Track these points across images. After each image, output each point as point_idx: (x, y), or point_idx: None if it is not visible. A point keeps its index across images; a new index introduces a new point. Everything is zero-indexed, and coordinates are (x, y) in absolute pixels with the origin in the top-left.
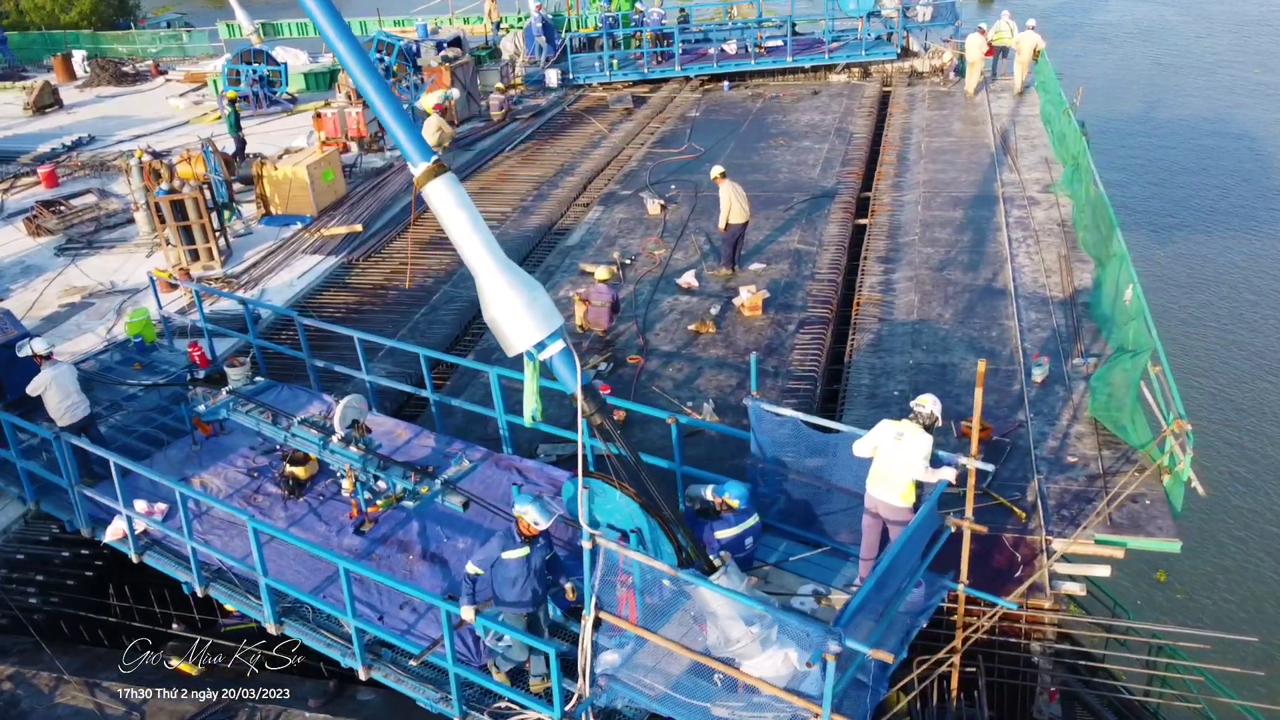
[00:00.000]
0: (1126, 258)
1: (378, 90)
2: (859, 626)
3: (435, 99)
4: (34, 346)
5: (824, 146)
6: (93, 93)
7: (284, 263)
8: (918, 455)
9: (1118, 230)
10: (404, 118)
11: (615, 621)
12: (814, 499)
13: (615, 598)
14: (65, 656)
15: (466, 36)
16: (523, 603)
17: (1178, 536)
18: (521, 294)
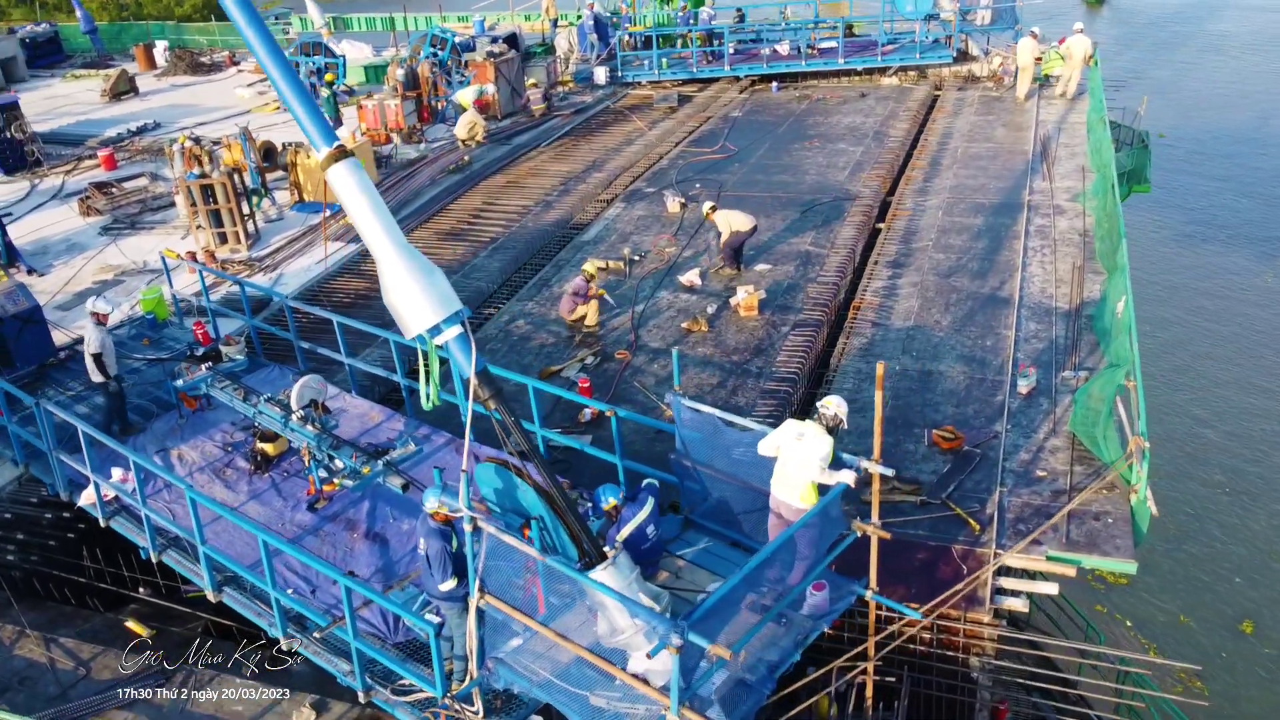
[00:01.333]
0: (1126, 269)
1: (282, 74)
2: (737, 625)
3: (471, 94)
4: (97, 305)
5: (858, 150)
6: (168, 81)
7: (306, 248)
8: (815, 456)
9: (1124, 242)
10: (309, 103)
11: (497, 605)
12: (735, 496)
13: (519, 583)
14: (32, 612)
15: (523, 33)
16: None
17: (1134, 558)
18: (419, 278)
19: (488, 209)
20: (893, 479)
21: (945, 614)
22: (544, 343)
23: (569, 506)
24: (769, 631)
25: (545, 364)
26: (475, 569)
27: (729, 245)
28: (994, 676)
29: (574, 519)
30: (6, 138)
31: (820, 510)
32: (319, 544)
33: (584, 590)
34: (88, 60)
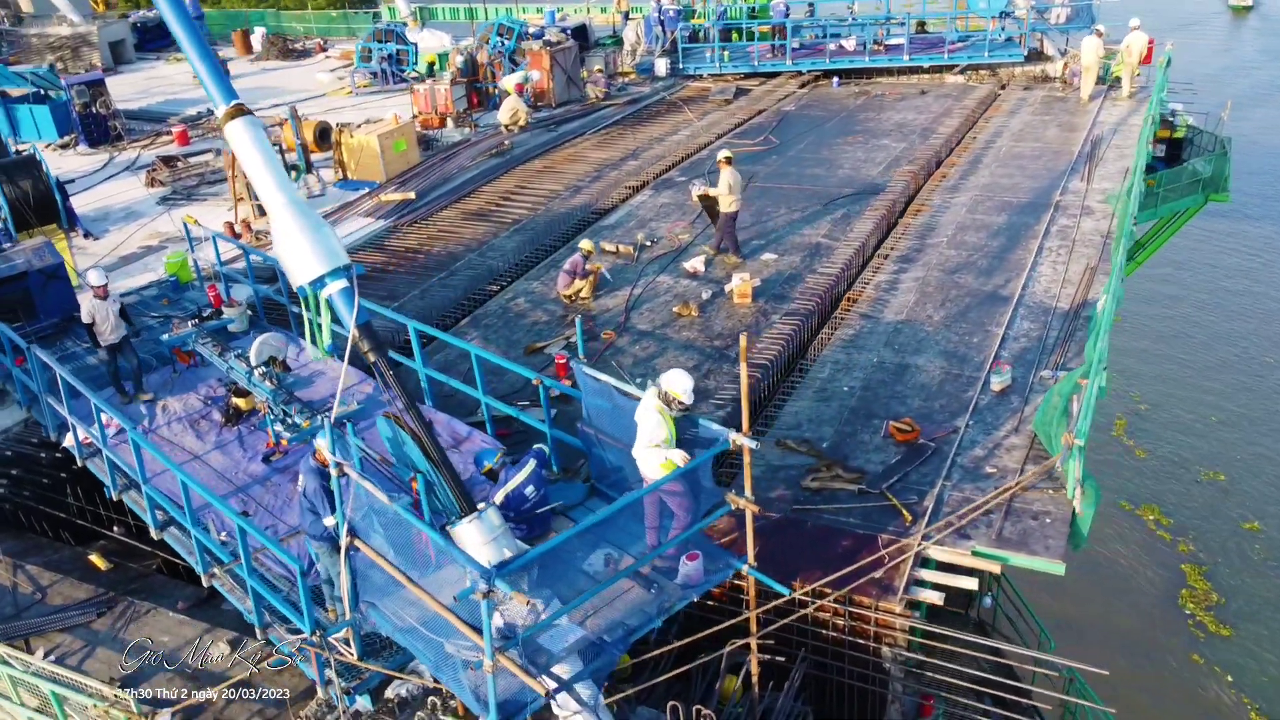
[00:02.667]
0: (1118, 271)
1: (187, 34)
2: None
3: (516, 79)
4: (89, 278)
5: (900, 146)
6: (260, 66)
7: (337, 223)
8: (641, 433)
9: (1123, 241)
10: (210, 61)
11: (363, 548)
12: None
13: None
14: (10, 541)
15: (593, 25)
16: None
17: (1063, 559)
18: (307, 232)
19: (518, 192)
20: (836, 466)
21: (859, 601)
22: (537, 320)
23: (443, 462)
24: (636, 597)
25: (534, 340)
26: (343, 513)
27: (725, 232)
28: (906, 669)
29: (448, 474)
30: (92, 113)
31: (659, 486)
32: (264, 493)
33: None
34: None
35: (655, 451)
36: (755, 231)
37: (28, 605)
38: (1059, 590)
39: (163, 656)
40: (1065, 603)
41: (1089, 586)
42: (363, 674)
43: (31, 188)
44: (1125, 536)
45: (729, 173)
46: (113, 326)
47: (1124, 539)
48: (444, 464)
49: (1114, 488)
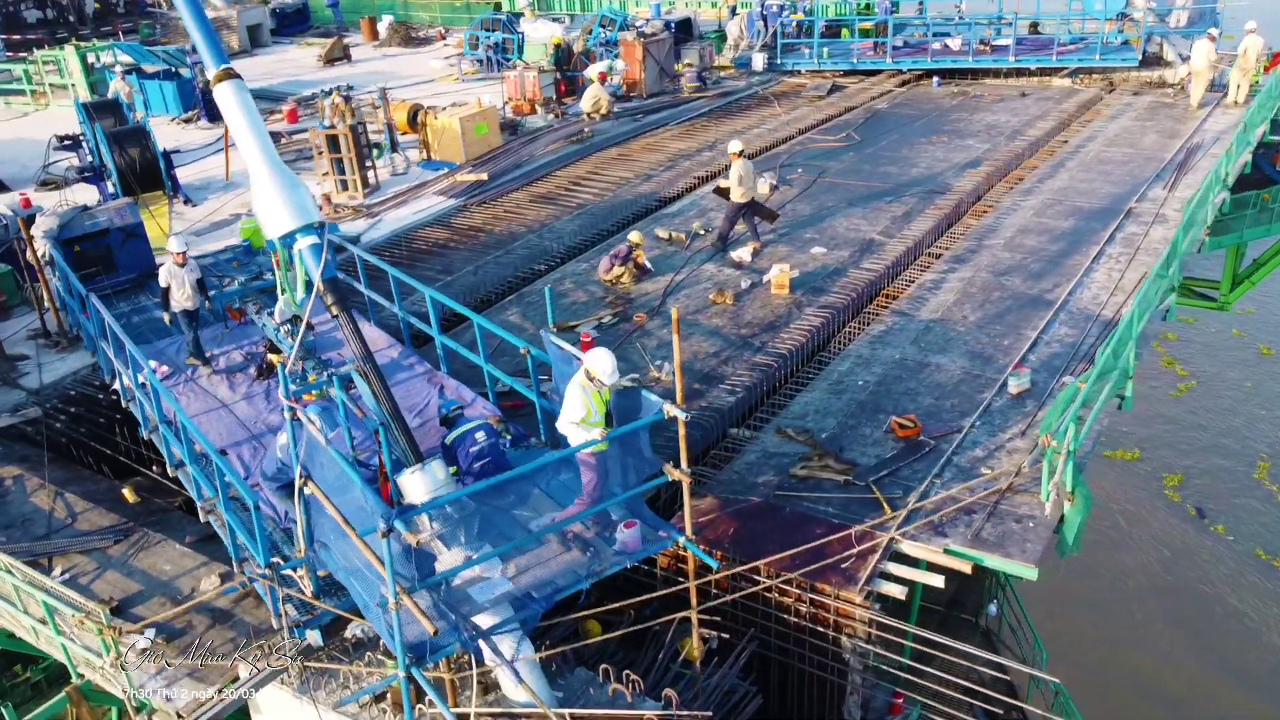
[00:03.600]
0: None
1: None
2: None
3: (600, 69)
4: (169, 245)
5: (984, 147)
6: (381, 52)
7: (410, 200)
8: (566, 406)
9: (1179, 246)
10: (206, 29)
11: (314, 491)
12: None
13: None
14: (58, 470)
15: (698, 19)
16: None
17: (1036, 563)
18: (282, 190)
19: (588, 178)
20: (828, 456)
21: (820, 589)
22: (577, 300)
23: (395, 414)
24: (572, 559)
25: (570, 319)
26: (297, 454)
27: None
28: (864, 661)
29: (399, 426)
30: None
31: (568, 455)
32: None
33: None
34: (324, 30)
35: (575, 429)
36: (811, 226)
37: (59, 528)
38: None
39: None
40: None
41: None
42: (315, 610)
43: (139, 156)
44: (1259, 589)
45: (739, 164)
46: (188, 294)
47: (1257, 592)
48: (396, 416)
49: (1249, 534)
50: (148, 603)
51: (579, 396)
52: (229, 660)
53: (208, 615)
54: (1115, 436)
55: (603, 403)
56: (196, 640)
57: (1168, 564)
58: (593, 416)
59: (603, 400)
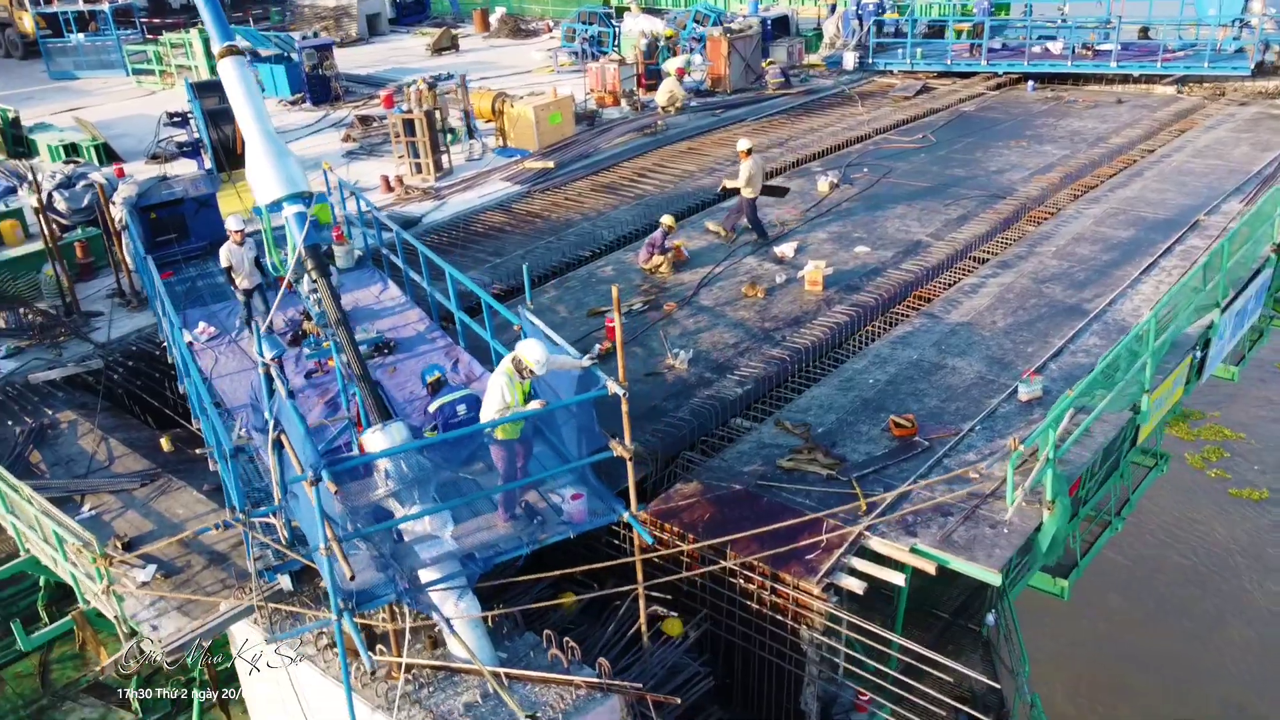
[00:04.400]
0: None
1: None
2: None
3: (678, 63)
4: (228, 224)
5: (1061, 153)
6: (489, 43)
7: (478, 184)
8: (488, 397)
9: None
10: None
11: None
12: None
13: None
14: (108, 418)
15: (796, 17)
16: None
17: (998, 569)
18: (272, 160)
19: (653, 170)
20: (818, 450)
21: (781, 577)
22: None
23: (364, 375)
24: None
25: (603, 304)
26: (271, 407)
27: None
28: (821, 653)
29: (367, 386)
30: (319, 75)
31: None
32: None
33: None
34: (441, 20)
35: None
36: (862, 225)
37: (97, 469)
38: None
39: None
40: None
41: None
42: (285, 557)
43: (232, 134)
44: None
45: (749, 163)
46: (247, 273)
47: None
48: (365, 377)
49: None
50: (155, 542)
51: (501, 387)
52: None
53: (205, 556)
54: (1242, 473)
55: (524, 395)
56: (192, 578)
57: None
58: (514, 408)
59: (524, 392)
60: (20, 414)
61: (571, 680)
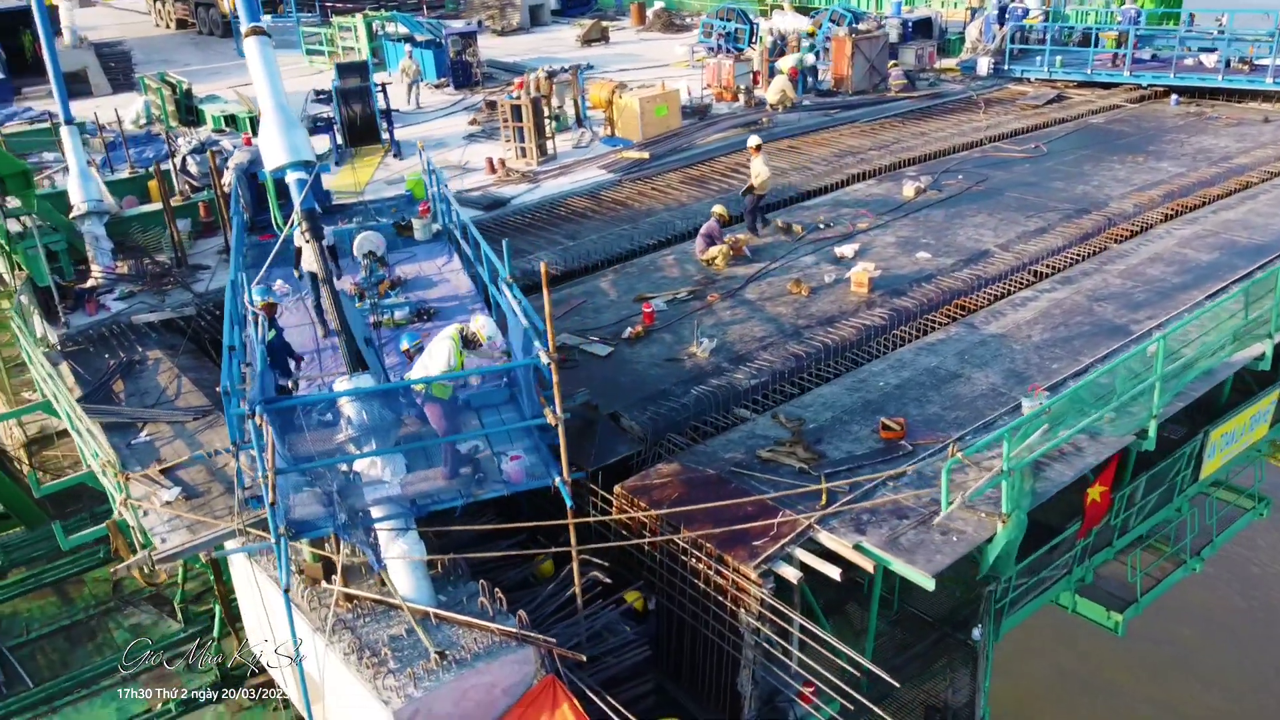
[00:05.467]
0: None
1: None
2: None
3: (790, 62)
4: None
5: (1175, 171)
6: (640, 36)
7: (574, 170)
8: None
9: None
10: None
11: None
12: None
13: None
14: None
15: (941, 20)
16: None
17: (932, 574)
18: (281, 130)
19: (747, 165)
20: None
21: (725, 559)
22: (669, 275)
23: (344, 329)
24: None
25: (656, 291)
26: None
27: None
28: (757, 639)
29: (346, 338)
30: (463, 60)
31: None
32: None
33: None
34: (602, 13)
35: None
36: (934, 231)
37: (163, 402)
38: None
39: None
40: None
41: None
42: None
43: (360, 112)
44: None
45: (759, 160)
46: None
47: None
48: (345, 330)
49: None
50: (188, 468)
51: (448, 351)
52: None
53: (224, 485)
54: None
55: (461, 363)
56: (208, 502)
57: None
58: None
59: (462, 361)
60: (116, 349)
61: (488, 626)
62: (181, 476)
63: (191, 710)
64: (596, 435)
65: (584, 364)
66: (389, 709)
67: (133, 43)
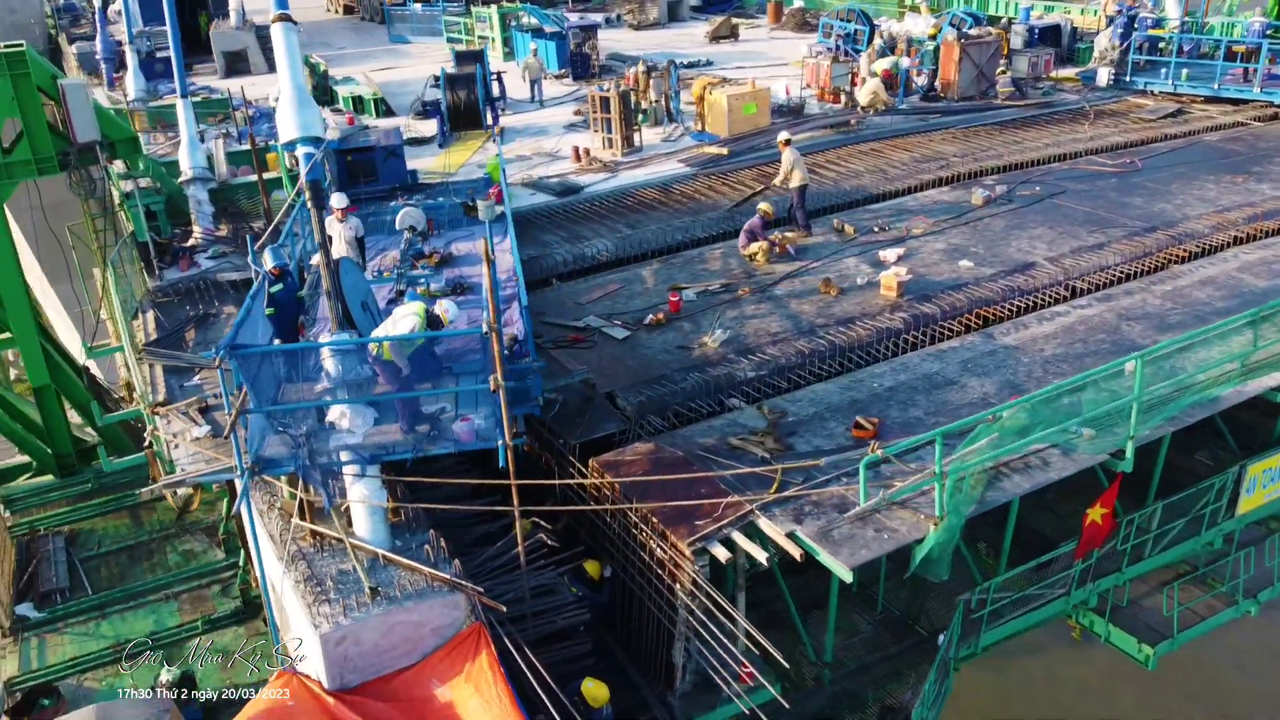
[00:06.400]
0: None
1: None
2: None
3: (885, 65)
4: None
5: (1271, 195)
6: (771, 34)
7: (653, 163)
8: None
9: None
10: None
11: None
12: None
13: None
14: None
15: (1071, 26)
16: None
17: (850, 567)
18: (297, 108)
19: (823, 166)
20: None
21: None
22: (710, 268)
23: (336, 291)
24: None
25: (692, 281)
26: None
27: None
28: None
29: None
30: (583, 53)
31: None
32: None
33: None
34: (744, 10)
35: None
36: (985, 240)
37: None
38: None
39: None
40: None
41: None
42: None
43: (465, 98)
44: None
45: (789, 153)
46: (343, 249)
47: None
48: (336, 293)
49: None
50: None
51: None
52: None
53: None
54: None
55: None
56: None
57: None
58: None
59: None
60: (198, 302)
61: (422, 570)
62: (217, 418)
63: (215, 630)
64: (588, 411)
65: (601, 345)
66: (318, 632)
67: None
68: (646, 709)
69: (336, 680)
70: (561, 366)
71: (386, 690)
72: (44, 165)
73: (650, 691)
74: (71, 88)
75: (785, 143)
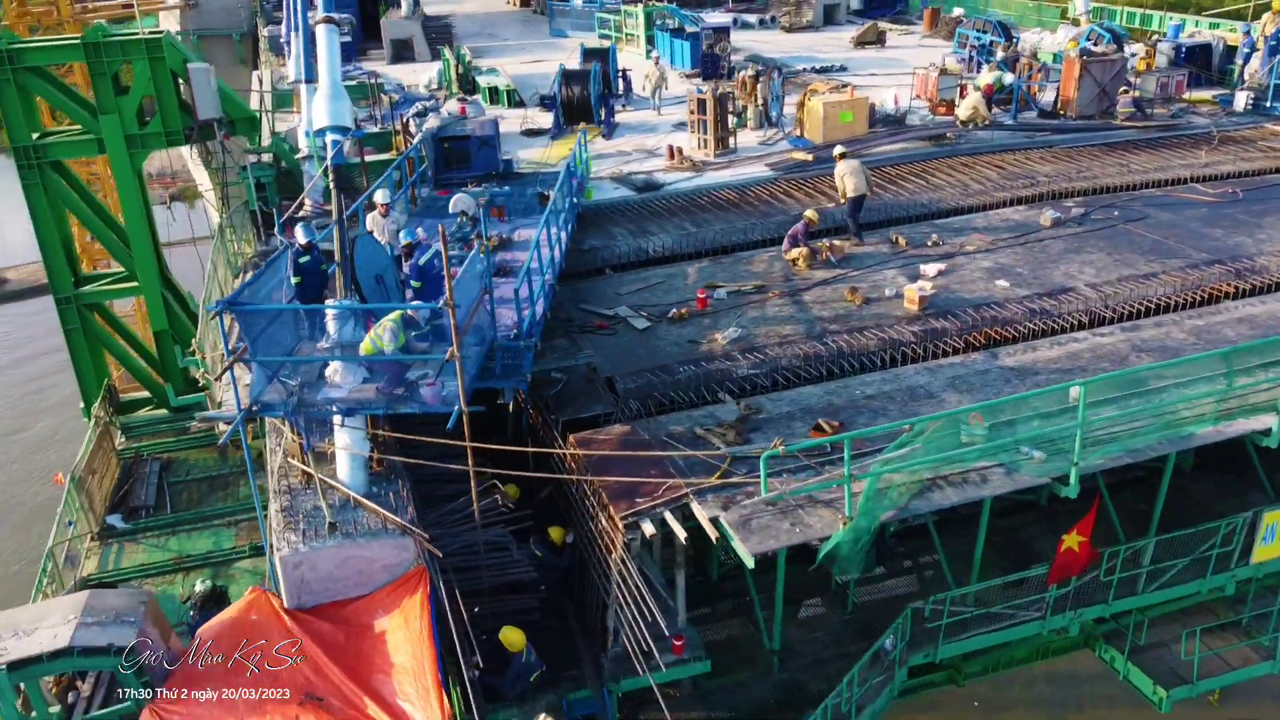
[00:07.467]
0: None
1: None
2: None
3: (988, 79)
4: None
5: None
6: (920, 41)
7: (739, 165)
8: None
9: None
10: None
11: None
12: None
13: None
14: None
15: (1222, 47)
16: None
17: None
18: (329, 100)
19: (903, 178)
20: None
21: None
22: (751, 269)
23: (344, 259)
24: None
25: (731, 281)
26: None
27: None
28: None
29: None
30: (714, 53)
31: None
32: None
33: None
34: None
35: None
36: (1032, 262)
37: None
38: None
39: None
40: None
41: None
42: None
43: (579, 93)
44: None
45: (843, 165)
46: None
47: None
48: (344, 263)
49: None
50: None
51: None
52: None
53: None
54: None
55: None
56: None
57: None
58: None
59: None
60: None
61: (379, 511)
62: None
63: (258, 555)
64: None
65: (622, 333)
66: (278, 555)
67: (468, 17)
68: (579, 665)
69: (294, 600)
70: (578, 349)
71: (338, 615)
72: (172, 137)
73: (587, 651)
74: (196, 71)
75: (841, 155)
